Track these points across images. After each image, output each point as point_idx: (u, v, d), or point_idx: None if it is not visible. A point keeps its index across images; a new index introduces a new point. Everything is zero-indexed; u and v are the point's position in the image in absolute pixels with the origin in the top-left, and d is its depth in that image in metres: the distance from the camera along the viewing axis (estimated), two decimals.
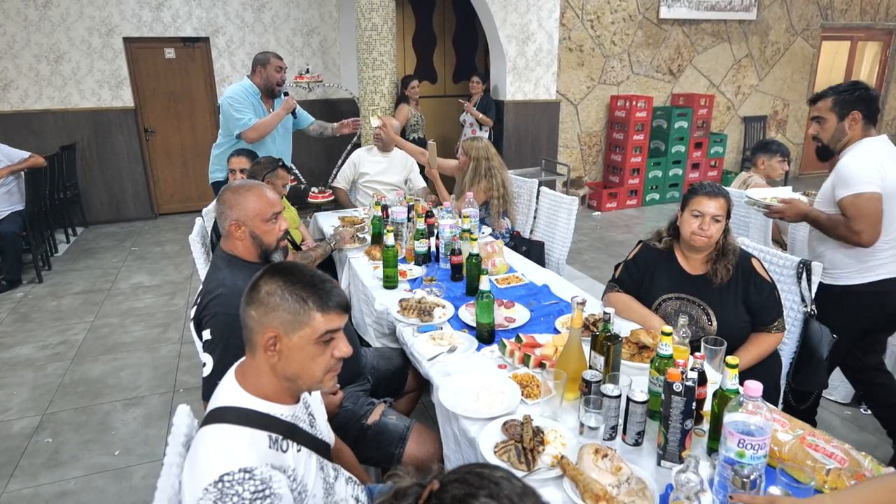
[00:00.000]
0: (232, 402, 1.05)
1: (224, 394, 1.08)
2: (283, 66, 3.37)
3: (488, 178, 3.06)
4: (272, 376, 1.08)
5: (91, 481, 2.25)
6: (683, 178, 6.63)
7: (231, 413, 1.04)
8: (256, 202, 1.61)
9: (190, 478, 0.99)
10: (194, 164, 6.14)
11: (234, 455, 0.97)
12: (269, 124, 3.30)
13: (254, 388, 1.07)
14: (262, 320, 1.05)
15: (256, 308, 1.06)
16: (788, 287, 2.05)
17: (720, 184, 1.98)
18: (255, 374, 1.08)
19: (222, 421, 1.03)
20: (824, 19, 7.41)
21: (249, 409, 1.05)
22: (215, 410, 1.05)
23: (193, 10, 5.72)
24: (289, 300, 1.04)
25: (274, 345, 1.05)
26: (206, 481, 0.93)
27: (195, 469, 0.98)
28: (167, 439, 1.13)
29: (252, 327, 1.06)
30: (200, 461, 0.98)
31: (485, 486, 0.66)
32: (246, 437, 1.00)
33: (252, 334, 1.07)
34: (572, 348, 1.52)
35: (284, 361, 1.06)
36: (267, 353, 1.06)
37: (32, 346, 3.36)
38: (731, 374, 1.24)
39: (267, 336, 1.04)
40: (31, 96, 5.44)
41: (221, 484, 0.93)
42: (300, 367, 1.06)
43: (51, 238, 4.90)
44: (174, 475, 1.05)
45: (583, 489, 1.15)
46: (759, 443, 1.09)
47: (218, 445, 0.99)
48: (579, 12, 6.20)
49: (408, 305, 2.04)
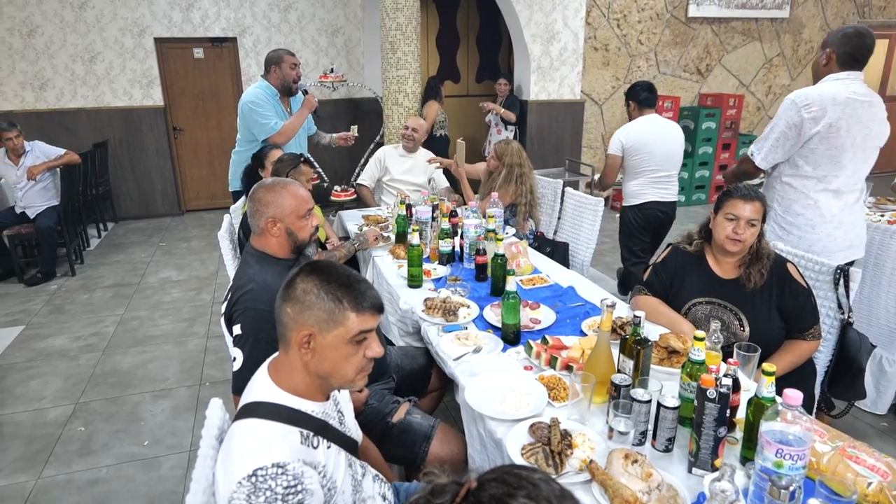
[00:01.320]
0: (265, 398, 1.07)
1: (257, 389, 1.09)
2: (297, 62, 3.31)
3: (518, 183, 3.05)
4: (305, 373, 1.08)
5: (122, 470, 2.31)
6: (710, 179, 6.50)
7: (264, 408, 1.05)
8: (292, 199, 1.64)
9: (224, 471, 1.00)
10: (220, 163, 6.24)
11: (267, 450, 0.98)
12: (295, 125, 3.28)
13: (287, 385, 1.08)
14: (297, 318, 1.06)
15: (292, 305, 1.06)
16: (824, 294, 1.99)
17: None
18: (289, 370, 1.09)
19: (255, 415, 1.04)
20: (861, 17, 7.18)
21: (282, 404, 1.06)
22: (249, 405, 1.07)
23: (222, 10, 5.81)
24: (324, 299, 1.05)
25: (308, 342, 1.06)
26: (240, 475, 0.95)
27: (229, 462, 0.99)
28: (195, 431, 1.15)
29: (287, 324, 1.07)
30: (234, 455, 0.99)
31: (523, 486, 0.65)
32: (279, 433, 1.02)
33: (287, 331, 1.08)
34: (601, 351, 1.49)
35: (318, 359, 1.07)
36: (301, 350, 1.06)
37: (66, 336, 3.46)
38: (768, 381, 1.21)
39: (302, 334, 1.05)
40: (67, 95, 5.59)
41: (255, 478, 0.94)
42: (333, 365, 1.07)
43: (83, 233, 5.03)
44: (208, 467, 1.06)
45: (612, 494, 1.13)
46: (799, 453, 1.06)
47: (251, 440, 1.00)
48: (605, 11, 6.12)
49: (433, 305, 2.03)
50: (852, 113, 2.18)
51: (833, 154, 2.20)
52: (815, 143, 2.20)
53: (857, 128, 2.19)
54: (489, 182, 3.19)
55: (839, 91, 2.20)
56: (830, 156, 2.21)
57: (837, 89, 2.21)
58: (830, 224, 2.27)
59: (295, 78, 3.30)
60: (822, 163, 2.23)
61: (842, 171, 2.24)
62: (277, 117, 3.25)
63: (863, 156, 2.25)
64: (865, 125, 2.21)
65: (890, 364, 2.52)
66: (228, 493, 0.95)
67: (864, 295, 2.56)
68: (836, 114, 2.17)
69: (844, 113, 2.17)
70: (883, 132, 2.27)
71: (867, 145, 2.24)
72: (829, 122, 2.17)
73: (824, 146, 2.20)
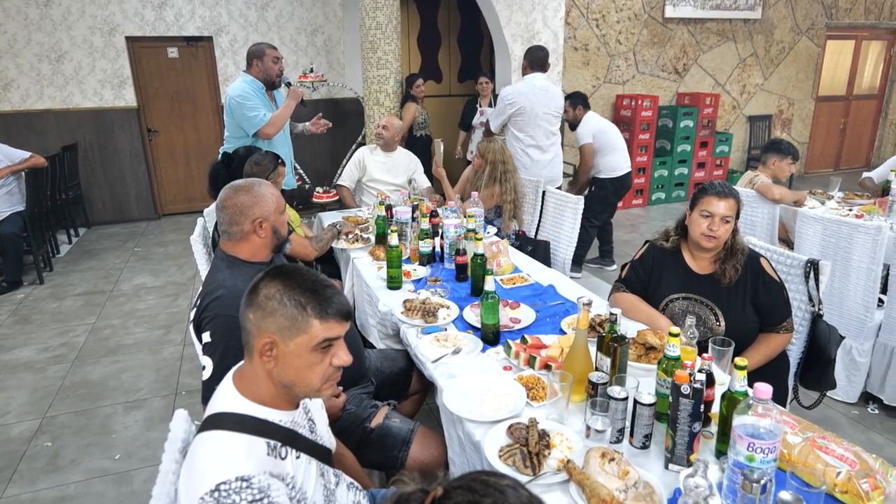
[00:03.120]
0: (229, 408, 1.03)
1: (221, 399, 1.06)
2: (279, 56, 3.27)
3: (503, 182, 3.05)
4: (269, 382, 1.05)
5: (91, 486, 2.23)
6: (689, 177, 6.59)
7: (228, 419, 1.01)
8: (272, 197, 1.65)
9: (186, 486, 0.97)
10: (197, 165, 6.13)
11: (231, 463, 0.94)
12: (284, 116, 3.22)
13: (252, 394, 1.05)
14: (259, 324, 1.02)
15: (254, 311, 1.03)
16: (796, 287, 2.03)
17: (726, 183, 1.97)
18: (253, 379, 1.06)
19: (219, 427, 1.00)
20: (829, 18, 7.36)
21: (247, 414, 1.03)
22: (212, 416, 1.03)
23: (196, 8, 5.71)
24: (287, 305, 1.01)
25: (270, 350, 1.02)
26: (202, 490, 0.91)
27: (192, 477, 0.96)
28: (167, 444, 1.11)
29: (250, 331, 1.04)
30: (196, 469, 0.96)
31: (490, 493, 0.64)
32: (244, 445, 0.98)
33: (250, 338, 1.05)
34: (578, 350, 1.49)
35: (280, 368, 1.03)
36: (263, 358, 1.03)
37: (33, 348, 3.35)
38: (740, 375, 1.22)
39: (263, 341, 1.02)
40: (33, 96, 5.44)
41: (218, 493, 0.90)
42: (296, 374, 1.03)
43: (52, 239, 4.89)
44: (170, 483, 1.02)
45: (589, 494, 1.13)
46: (770, 446, 1.07)
47: (215, 453, 0.97)
48: (584, 11, 6.17)
49: (412, 306, 2.02)
50: (534, 98, 3.60)
51: (526, 122, 3.66)
52: (515, 117, 3.67)
53: (538, 107, 3.63)
54: (474, 181, 3.19)
55: (525, 85, 3.67)
56: (525, 123, 3.67)
57: (525, 85, 3.67)
58: (538, 165, 3.73)
59: (278, 72, 3.25)
60: (523, 128, 3.70)
61: (535, 133, 3.69)
62: (266, 109, 3.20)
63: (545, 123, 3.70)
64: (543, 104, 3.63)
65: (860, 354, 2.58)
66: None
67: (835, 287, 2.61)
68: (523, 100, 3.60)
69: (528, 99, 3.60)
70: (556, 106, 3.74)
71: (548, 116, 3.69)
72: (520, 106, 3.61)
73: (521, 119, 3.66)
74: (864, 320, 2.54)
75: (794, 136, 7.72)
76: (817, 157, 8.13)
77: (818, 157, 8.14)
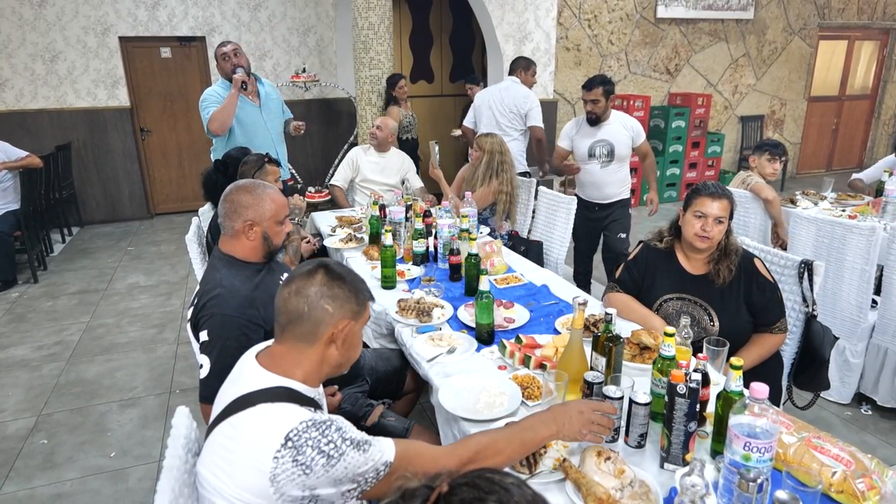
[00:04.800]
0: (265, 384, 1.07)
1: (250, 380, 1.08)
2: (228, 51, 3.20)
3: (500, 174, 3.06)
4: (317, 365, 1.12)
5: (87, 483, 2.23)
6: (681, 177, 6.62)
7: (262, 395, 1.04)
8: (272, 204, 1.61)
9: (237, 464, 0.98)
10: (190, 164, 6.11)
11: (287, 417, 0.99)
12: (224, 110, 3.13)
13: (285, 373, 1.10)
14: (335, 313, 1.11)
15: (332, 301, 1.11)
16: (790, 287, 2.04)
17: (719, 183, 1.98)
18: (294, 362, 1.10)
19: (254, 404, 1.03)
20: (821, 18, 7.41)
21: (283, 387, 1.07)
22: (245, 396, 1.05)
23: (189, 9, 5.68)
24: (351, 293, 1.14)
25: (342, 333, 1.12)
26: (272, 450, 0.95)
27: (243, 452, 0.98)
28: (164, 441, 1.12)
29: (324, 319, 1.10)
30: (250, 440, 0.98)
31: (495, 491, 0.64)
32: (292, 407, 1.03)
33: (321, 326, 1.10)
34: (573, 349, 1.50)
35: (346, 347, 1.14)
36: (334, 343, 1.12)
37: (28, 346, 3.33)
38: (736, 375, 1.22)
39: (342, 325, 1.11)
40: (27, 96, 5.40)
41: (290, 441, 0.95)
42: (355, 350, 1.18)
43: (46, 238, 4.86)
44: (174, 478, 1.02)
45: (585, 492, 1.13)
46: (766, 446, 1.07)
47: (267, 419, 1.00)
48: (577, 11, 6.19)
49: (406, 306, 2.02)
50: (488, 97, 3.96)
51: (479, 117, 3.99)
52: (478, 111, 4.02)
53: (493, 104, 3.90)
54: (472, 175, 3.17)
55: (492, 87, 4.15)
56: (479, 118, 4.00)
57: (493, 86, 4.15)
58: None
59: (230, 69, 3.19)
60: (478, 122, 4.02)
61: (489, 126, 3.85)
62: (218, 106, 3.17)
63: (502, 119, 3.86)
64: (498, 101, 3.88)
65: (853, 355, 2.60)
66: (268, 477, 0.94)
67: (828, 288, 2.63)
68: (479, 100, 4.04)
69: (483, 97, 4.00)
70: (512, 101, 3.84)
71: (503, 110, 3.86)
72: (477, 104, 4.04)
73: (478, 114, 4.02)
74: (858, 321, 2.56)
75: (786, 136, 7.78)
76: (810, 157, 8.19)
77: (810, 157, 8.19)
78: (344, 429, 1.01)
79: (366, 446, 1.01)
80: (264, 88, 3.40)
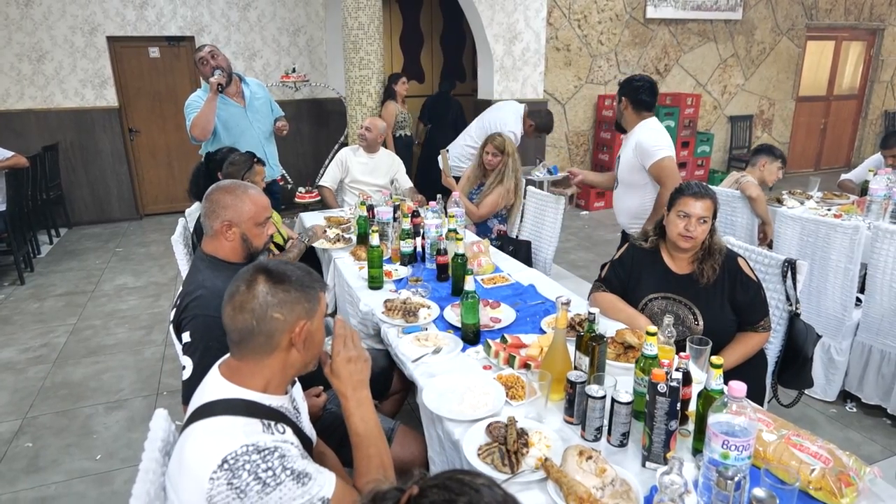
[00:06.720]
0: (219, 396, 1.05)
1: (210, 390, 1.07)
2: (205, 55, 3.15)
3: (513, 171, 3.09)
4: (280, 371, 1.09)
5: (71, 486, 2.21)
6: None
7: (219, 405, 1.03)
8: (252, 206, 1.59)
9: (184, 477, 0.96)
10: (179, 165, 6.07)
11: (230, 439, 0.96)
12: (203, 114, 3.11)
13: (244, 383, 1.07)
14: (288, 317, 1.07)
15: (280, 308, 1.06)
16: (773, 286, 2.06)
17: (706, 183, 1.99)
18: (252, 371, 1.07)
19: (211, 415, 1.01)
20: (809, 19, 7.48)
21: (239, 398, 1.05)
22: (201, 407, 1.04)
23: (178, 8, 5.65)
24: (299, 289, 1.09)
25: (300, 333, 1.08)
26: (208, 470, 0.93)
27: (189, 467, 0.96)
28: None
29: (277, 328, 1.06)
30: (193, 457, 0.97)
31: (465, 492, 0.65)
32: (240, 424, 1.00)
33: (276, 336, 1.06)
34: (557, 349, 1.50)
35: (308, 347, 1.10)
36: (294, 347, 1.08)
37: (13, 349, 3.30)
38: (716, 374, 1.23)
39: (298, 327, 1.07)
40: (13, 96, 5.35)
41: (227, 464, 0.93)
42: (317, 346, 1.14)
43: (33, 239, 4.82)
44: (150, 482, 1.02)
45: (566, 491, 1.13)
46: (744, 444, 1.08)
47: (211, 435, 0.98)
48: (566, 12, 6.21)
49: (393, 306, 2.01)
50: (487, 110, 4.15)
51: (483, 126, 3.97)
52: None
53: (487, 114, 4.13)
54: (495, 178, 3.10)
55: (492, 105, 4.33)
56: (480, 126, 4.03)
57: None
58: None
59: (209, 73, 3.15)
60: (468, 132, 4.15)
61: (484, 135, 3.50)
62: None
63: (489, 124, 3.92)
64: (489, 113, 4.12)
65: (838, 353, 2.63)
66: (206, 497, 0.92)
67: (813, 286, 2.65)
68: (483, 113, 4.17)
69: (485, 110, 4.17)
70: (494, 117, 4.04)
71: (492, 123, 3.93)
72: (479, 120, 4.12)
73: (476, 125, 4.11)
74: (843, 319, 2.58)
75: (774, 136, 7.84)
76: (798, 157, 8.26)
77: (799, 157, 8.26)
78: (288, 458, 0.97)
79: (306, 479, 0.98)
80: (250, 88, 3.37)
